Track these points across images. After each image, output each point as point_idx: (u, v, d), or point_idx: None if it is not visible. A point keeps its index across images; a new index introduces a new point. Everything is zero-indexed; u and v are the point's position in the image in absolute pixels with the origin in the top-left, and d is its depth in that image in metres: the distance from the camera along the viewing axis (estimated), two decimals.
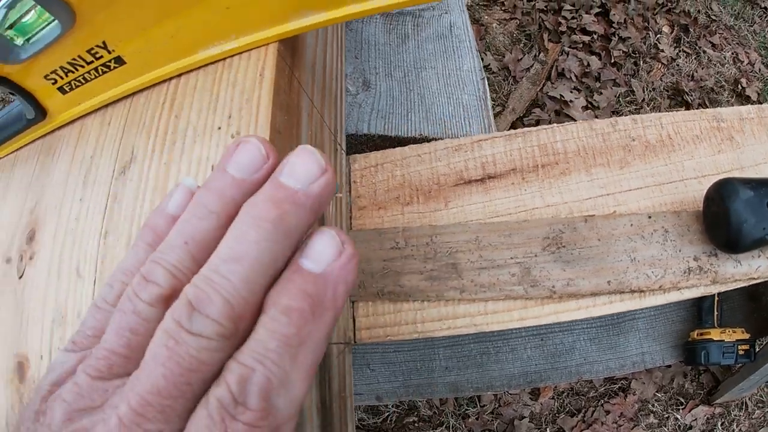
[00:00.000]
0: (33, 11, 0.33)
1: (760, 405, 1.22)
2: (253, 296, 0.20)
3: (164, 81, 0.36)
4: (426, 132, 0.80)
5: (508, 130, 0.43)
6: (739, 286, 0.41)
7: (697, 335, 1.09)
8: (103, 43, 0.34)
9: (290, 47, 0.33)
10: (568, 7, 1.57)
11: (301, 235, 0.21)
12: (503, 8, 1.63)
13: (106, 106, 0.39)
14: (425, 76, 0.86)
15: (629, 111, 1.46)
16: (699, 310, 1.12)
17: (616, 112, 1.45)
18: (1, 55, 0.34)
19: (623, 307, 0.37)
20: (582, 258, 0.35)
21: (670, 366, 1.30)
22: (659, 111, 1.46)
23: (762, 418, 1.21)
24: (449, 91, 0.84)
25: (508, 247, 0.34)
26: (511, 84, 1.50)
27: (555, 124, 0.38)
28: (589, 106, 1.45)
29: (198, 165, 0.30)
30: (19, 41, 0.34)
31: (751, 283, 0.41)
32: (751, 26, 1.64)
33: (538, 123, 1.43)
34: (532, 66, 1.50)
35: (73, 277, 0.33)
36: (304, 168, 0.21)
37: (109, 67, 0.36)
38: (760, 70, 1.56)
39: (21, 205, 0.40)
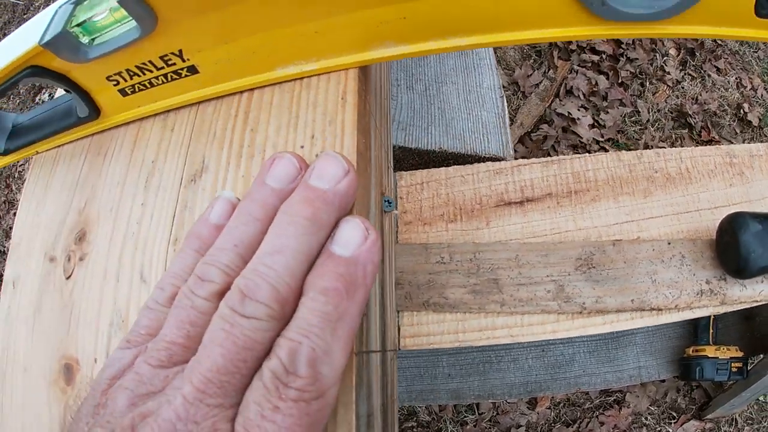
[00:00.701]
0: (106, 12, 0.33)
1: (750, 422, 1.27)
2: (295, 281, 0.23)
3: (235, 93, 0.37)
4: (445, 146, 0.84)
5: (539, 158, 0.47)
6: (743, 308, 0.46)
7: (693, 351, 1.13)
8: (179, 51, 0.34)
9: (363, 71, 0.35)
10: None
11: (331, 227, 0.24)
12: None
13: (168, 110, 0.39)
14: (446, 90, 0.90)
15: (634, 131, 1.51)
16: (695, 328, 1.16)
17: (621, 132, 1.50)
18: (69, 53, 0.34)
19: (642, 323, 0.41)
20: (609, 278, 0.39)
21: (664, 381, 1.33)
22: (663, 132, 1.51)
23: None
24: (469, 106, 0.88)
25: (544, 265, 0.38)
26: (520, 99, 1.54)
27: (587, 154, 0.42)
28: (596, 124, 1.50)
29: None
30: (84, 39, 0.34)
31: (754, 305, 0.45)
32: (756, 52, 1.70)
33: (545, 139, 1.47)
34: (541, 82, 1.55)
35: (135, 281, 0.34)
36: (330, 171, 0.25)
37: (180, 74, 0.36)
38: (762, 95, 1.61)
39: (66, 203, 0.40)
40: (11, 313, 0.38)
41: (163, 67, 0.35)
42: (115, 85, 0.37)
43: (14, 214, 1.87)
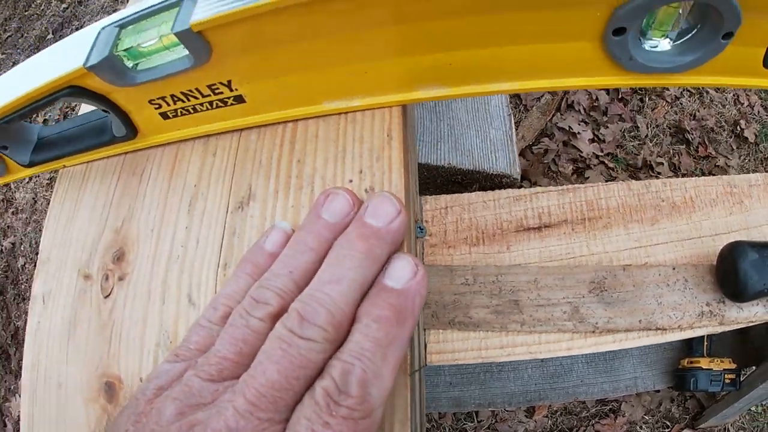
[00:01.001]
0: (156, 39, 0.33)
1: (742, 431, 1.31)
2: (349, 309, 0.24)
3: (279, 122, 0.38)
4: (454, 162, 0.87)
5: (556, 187, 0.50)
6: (739, 327, 0.49)
7: (687, 363, 1.16)
8: (228, 81, 0.35)
9: (404, 107, 0.36)
10: None
11: (383, 262, 0.27)
12: None
13: (209, 135, 0.40)
14: (455, 107, 0.94)
15: (632, 146, 1.55)
16: (690, 340, 1.19)
17: (620, 146, 1.54)
18: (114, 77, 0.34)
19: (649, 342, 0.45)
20: (620, 300, 0.43)
21: (659, 391, 1.36)
22: (661, 147, 1.56)
23: None
24: (477, 124, 0.91)
25: (561, 288, 0.42)
26: (522, 112, 1.58)
27: (600, 183, 0.46)
28: (596, 139, 1.54)
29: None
30: (128, 63, 0.34)
31: (749, 325, 0.49)
32: None
33: (546, 152, 1.51)
34: (542, 96, 1.59)
35: (183, 303, 0.35)
36: (384, 209, 0.27)
37: (225, 102, 0.37)
38: (759, 112, 1.66)
39: (100, 221, 0.40)
40: (41, 328, 0.39)
41: (209, 95, 0.36)
42: (156, 108, 0.38)
43: (12, 212, 1.88)
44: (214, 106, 0.37)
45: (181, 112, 0.38)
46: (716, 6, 0.27)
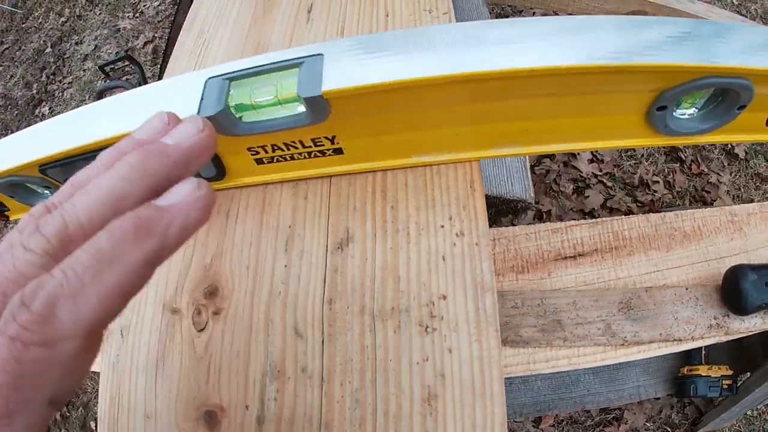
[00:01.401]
0: (272, 97, 0.35)
1: None
2: (90, 222, 0.21)
3: (368, 171, 0.41)
4: None
5: (587, 220, 0.58)
6: (741, 336, 0.57)
7: (687, 371, 1.22)
8: (333, 137, 0.38)
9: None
10: None
11: (163, 181, 0.23)
12: None
13: (297, 179, 0.43)
14: None
15: (629, 165, 1.65)
16: (689, 349, 1.26)
17: (617, 166, 1.64)
18: (223, 128, 0.36)
19: (667, 351, 0.53)
20: (644, 317, 0.51)
21: (659, 398, 1.42)
22: (656, 166, 1.65)
23: None
24: None
25: (596, 308, 0.50)
26: None
27: (623, 216, 0.54)
28: (594, 159, 1.63)
29: (429, 255, 0.38)
30: (237, 114, 0.36)
31: (750, 334, 0.57)
32: None
33: (547, 173, 1.60)
34: None
35: (290, 336, 0.37)
36: (183, 128, 0.24)
37: (324, 153, 0.40)
38: None
39: (185, 258, 0.42)
40: (121, 360, 0.40)
41: (310, 146, 0.39)
42: (253, 155, 0.40)
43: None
44: (312, 155, 0.40)
45: (277, 159, 0.40)
46: (736, 89, 0.35)
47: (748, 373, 1.18)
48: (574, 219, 1.52)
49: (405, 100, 0.35)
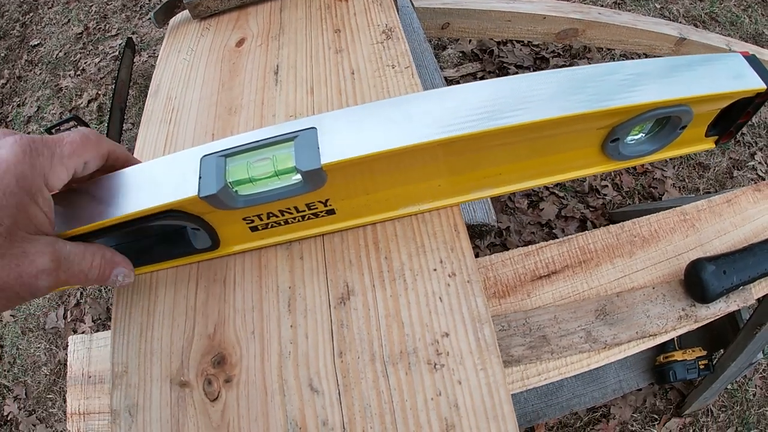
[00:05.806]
0: (270, 172, 0.37)
1: (724, 409, 1.50)
2: None
3: (359, 226, 0.44)
4: None
5: (555, 240, 0.66)
6: (709, 321, 0.67)
7: (663, 358, 1.33)
8: (326, 200, 0.41)
9: None
10: None
11: None
12: None
13: (291, 241, 0.45)
14: None
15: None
16: None
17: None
18: (221, 203, 0.38)
19: (645, 347, 0.61)
20: (619, 320, 0.59)
21: (641, 389, 1.52)
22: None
23: (727, 420, 1.49)
24: None
25: (575, 319, 0.58)
26: None
27: (587, 232, 0.63)
28: None
29: (426, 297, 0.43)
30: (234, 189, 0.38)
31: (716, 317, 0.66)
32: None
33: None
34: None
35: (306, 392, 0.40)
36: None
37: (317, 215, 0.43)
38: None
39: (187, 329, 0.44)
40: None
41: (305, 211, 0.42)
42: (248, 224, 0.43)
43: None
44: (306, 218, 0.43)
45: (272, 225, 0.43)
46: (678, 115, 0.43)
47: (721, 351, 1.29)
48: (533, 232, 1.63)
49: (391, 162, 0.40)
